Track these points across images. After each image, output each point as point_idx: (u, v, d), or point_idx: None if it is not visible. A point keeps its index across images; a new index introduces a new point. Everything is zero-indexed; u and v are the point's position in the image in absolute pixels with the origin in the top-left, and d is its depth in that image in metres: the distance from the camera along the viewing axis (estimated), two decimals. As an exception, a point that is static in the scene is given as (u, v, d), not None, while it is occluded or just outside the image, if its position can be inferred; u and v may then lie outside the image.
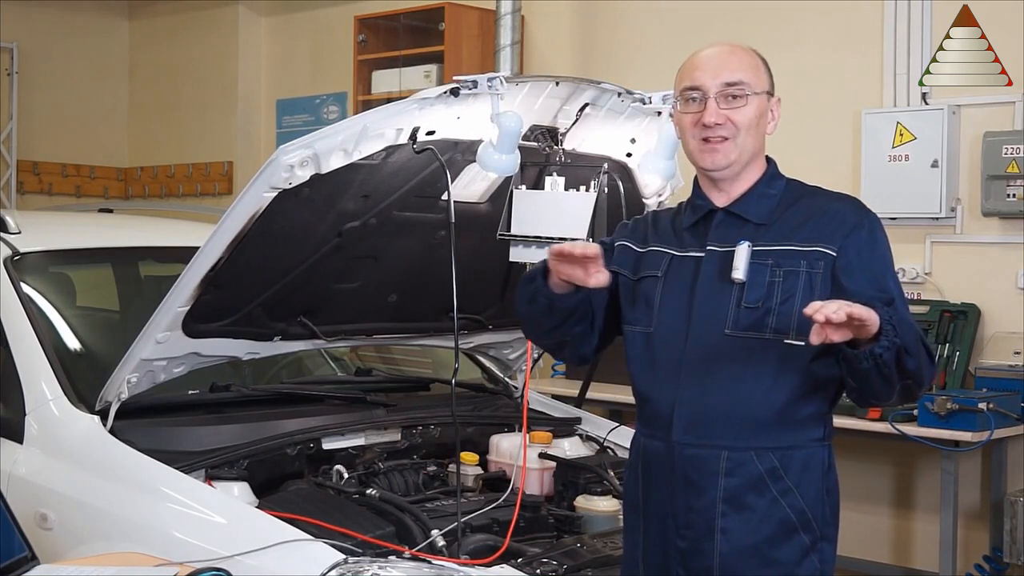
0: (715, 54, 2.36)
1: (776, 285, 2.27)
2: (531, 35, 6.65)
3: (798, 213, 2.34)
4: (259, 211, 2.79)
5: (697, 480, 2.28)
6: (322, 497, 2.91)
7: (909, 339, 2.16)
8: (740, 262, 2.28)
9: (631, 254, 2.45)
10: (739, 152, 2.32)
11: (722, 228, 2.35)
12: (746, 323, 2.27)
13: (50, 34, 8.48)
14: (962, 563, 4.81)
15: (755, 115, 2.33)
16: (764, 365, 2.26)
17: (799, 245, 2.29)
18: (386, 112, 2.80)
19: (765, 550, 2.26)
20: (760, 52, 2.40)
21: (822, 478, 2.31)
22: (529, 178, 3.01)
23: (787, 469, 2.27)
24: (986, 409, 4.42)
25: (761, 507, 2.26)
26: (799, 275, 2.27)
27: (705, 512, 2.27)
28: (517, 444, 3.27)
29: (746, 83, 2.32)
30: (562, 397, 4.36)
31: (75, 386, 3.15)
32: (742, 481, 2.26)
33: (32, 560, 2.29)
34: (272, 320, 3.20)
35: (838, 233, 2.30)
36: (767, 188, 2.37)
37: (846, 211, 2.35)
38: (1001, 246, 5.00)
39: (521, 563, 2.64)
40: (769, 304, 2.27)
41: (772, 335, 2.26)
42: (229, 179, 8.22)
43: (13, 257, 3.48)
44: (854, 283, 2.25)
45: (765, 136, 2.38)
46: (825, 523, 2.31)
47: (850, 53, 5.44)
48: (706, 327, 2.30)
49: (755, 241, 2.30)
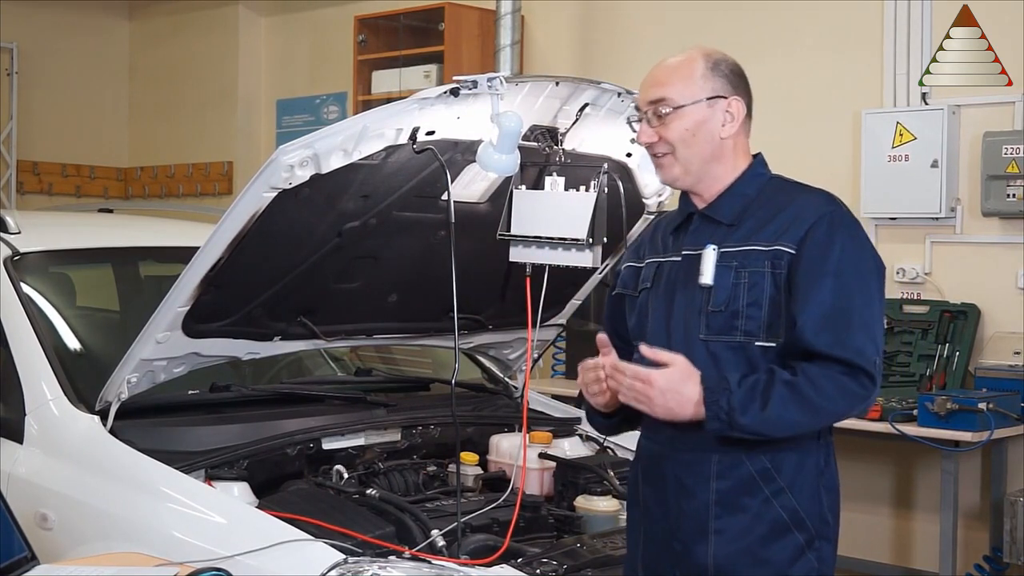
0: (650, 73, 2.38)
1: (742, 287, 2.27)
2: (531, 35, 6.65)
3: (766, 210, 2.32)
4: (259, 211, 2.79)
5: (689, 484, 2.29)
6: (322, 497, 2.91)
7: (762, 419, 2.16)
8: (706, 266, 2.30)
9: (633, 272, 2.49)
10: (683, 165, 2.34)
11: (697, 231, 2.37)
12: (716, 327, 2.28)
13: (50, 34, 8.48)
14: (962, 563, 4.81)
15: (689, 126, 2.32)
16: (741, 368, 2.25)
17: (763, 244, 2.28)
18: (386, 112, 2.80)
19: (757, 550, 2.25)
20: (720, 52, 2.38)
21: (817, 477, 2.29)
22: (529, 178, 3.01)
23: (779, 469, 2.26)
24: (986, 409, 4.42)
25: (753, 507, 2.25)
26: (764, 275, 2.26)
27: (697, 514, 2.28)
28: (517, 444, 3.27)
29: (668, 99, 2.32)
30: (562, 397, 4.36)
31: (75, 386, 3.15)
32: (734, 483, 2.26)
33: (32, 560, 2.29)
34: (272, 320, 3.20)
35: (797, 229, 2.26)
36: (744, 187, 2.36)
37: (808, 205, 2.31)
38: (1001, 246, 5.00)
39: (521, 563, 2.64)
40: (736, 307, 2.26)
41: (743, 338, 2.26)
42: (229, 179, 8.22)
43: (13, 257, 3.48)
44: (795, 295, 2.22)
45: (725, 139, 2.35)
46: (823, 522, 2.29)
47: (850, 53, 5.44)
48: (683, 333, 2.32)
49: (724, 242, 2.31)
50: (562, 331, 4.51)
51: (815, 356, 2.20)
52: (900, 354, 5.04)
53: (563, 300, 3.64)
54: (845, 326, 2.21)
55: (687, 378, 2.22)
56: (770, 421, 2.18)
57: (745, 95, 2.38)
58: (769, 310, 2.25)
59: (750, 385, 2.20)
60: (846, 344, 2.20)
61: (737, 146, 2.38)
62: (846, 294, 2.23)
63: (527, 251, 2.91)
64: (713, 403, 2.19)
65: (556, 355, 6.12)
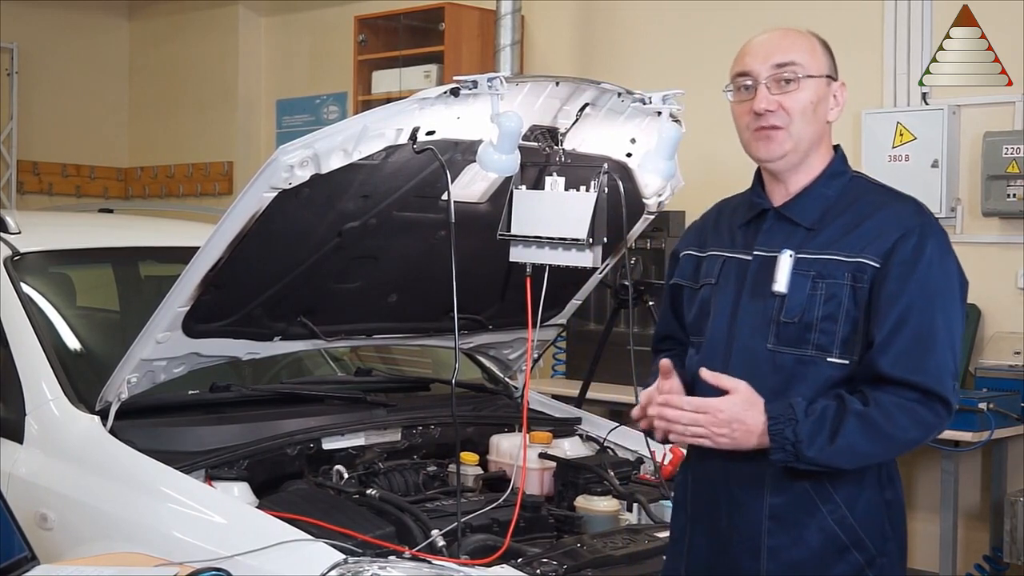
0: (767, 38, 2.25)
1: (818, 299, 2.13)
2: (531, 35, 6.64)
3: (850, 217, 2.18)
4: (259, 211, 2.79)
5: (742, 497, 2.17)
6: (322, 497, 2.91)
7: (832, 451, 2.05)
8: (781, 274, 2.16)
9: (693, 261, 2.36)
10: (794, 141, 2.19)
11: (771, 231, 2.23)
12: (787, 338, 2.14)
13: (50, 34, 8.48)
14: (962, 563, 4.80)
15: (811, 100, 2.19)
16: (808, 382, 2.12)
17: (844, 255, 2.14)
18: (386, 112, 2.80)
19: (813, 570, 2.13)
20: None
21: (879, 492, 2.18)
22: (529, 178, 3.01)
23: (836, 486, 2.13)
24: (986, 409, 4.41)
25: (810, 525, 2.13)
26: (843, 288, 2.12)
27: (750, 529, 2.16)
28: (517, 444, 3.26)
29: (799, 64, 2.19)
30: (562, 397, 4.36)
31: (75, 386, 3.15)
32: (788, 499, 2.13)
33: (32, 560, 2.29)
34: (272, 320, 3.20)
35: (883, 241, 2.13)
36: (824, 187, 2.22)
37: (896, 215, 2.16)
38: (1001, 246, 4.99)
39: (521, 563, 2.64)
40: (809, 319, 2.13)
41: (814, 352, 2.13)
42: (229, 179, 8.22)
43: (13, 257, 3.48)
44: (875, 314, 2.09)
45: (828, 124, 2.25)
46: (884, 539, 2.17)
47: (850, 53, 5.41)
48: (749, 340, 2.18)
49: (802, 247, 2.17)
50: (562, 331, 4.52)
51: (889, 381, 2.08)
52: (900, 354, 5.04)
53: (563, 300, 3.64)
54: (925, 351, 2.08)
55: (751, 406, 2.08)
56: (839, 453, 2.06)
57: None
58: (845, 325, 2.11)
59: (819, 414, 2.06)
60: (925, 370, 2.07)
61: (828, 135, 2.27)
62: (928, 316, 2.09)
63: (527, 251, 2.91)
64: (778, 433, 2.06)
65: (556, 355, 6.11)
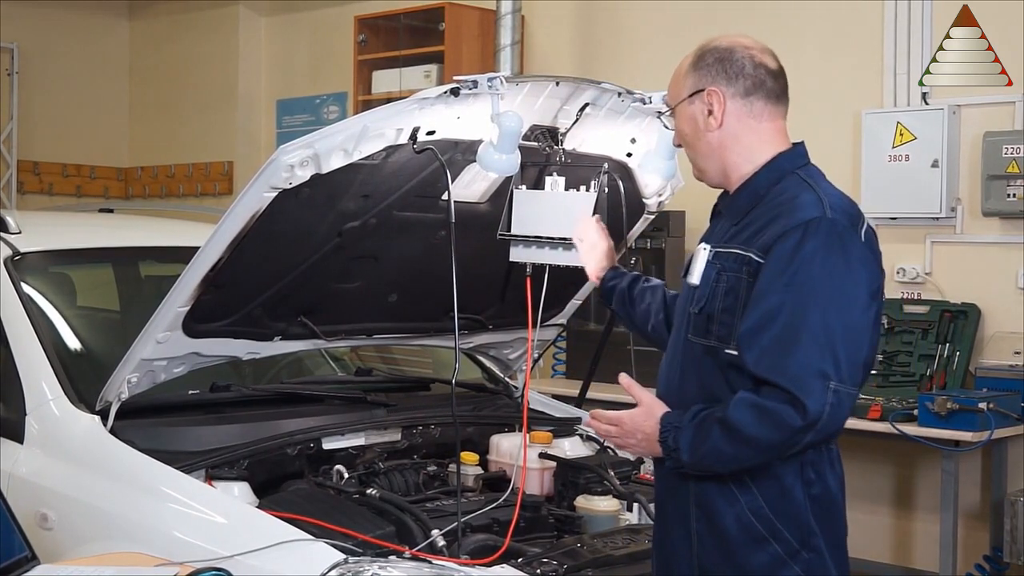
0: None
1: (719, 291, 2.20)
2: (531, 35, 6.65)
3: (767, 211, 2.20)
4: (259, 211, 2.78)
5: (675, 485, 2.28)
6: (322, 497, 2.91)
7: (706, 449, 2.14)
8: (696, 265, 2.27)
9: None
10: (700, 163, 2.33)
11: (715, 226, 2.35)
12: (697, 329, 2.24)
13: (50, 34, 8.49)
14: (962, 563, 4.80)
15: (684, 128, 2.32)
16: (719, 372, 2.20)
17: (741, 249, 2.19)
18: (386, 112, 2.80)
19: (735, 557, 2.20)
20: (717, 40, 2.29)
21: (802, 487, 2.18)
22: (529, 178, 3.01)
23: (755, 478, 2.17)
24: (986, 409, 4.42)
25: (728, 514, 2.20)
26: (740, 281, 2.17)
27: (681, 514, 2.27)
28: (517, 444, 3.26)
29: (669, 100, 2.37)
30: (562, 397, 4.36)
31: (75, 386, 3.15)
32: (711, 487, 2.21)
33: (32, 560, 2.29)
34: (272, 320, 3.20)
35: (768, 238, 2.15)
36: (757, 184, 2.25)
37: (790, 213, 2.15)
38: (1001, 246, 5.00)
39: (521, 563, 2.64)
40: (711, 310, 2.20)
41: (715, 343, 2.20)
42: (229, 179, 8.23)
43: (13, 257, 3.48)
44: (747, 309, 2.14)
45: (719, 131, 2.25)
46: (807, 533, 2.19)
47: (850, 53, 5.44)
48: (677, 331, 2.32)
49: (723, 242, 2.25)
50: (562, 331, 4.52)
51: (758, 379, 2.10)
52: (900, 354, 5.04)
53: (563, 300, 3.64)
54: (786, 350, 2.07)
55: (648, 416, 2.25)
56: (707, 458, 2.15)
57: (736, 80, 2.24)
58: (740, 316, 2.16)
59: (700, 420, 2.15)
60: (785, 370, 2.06)
61: (746, 135, 2.25)
62: (799, 315, 2.07)
63: (527, 251, 2.91)
64: (663, 442, 2.20)
65: (556, 355, 6.12)
